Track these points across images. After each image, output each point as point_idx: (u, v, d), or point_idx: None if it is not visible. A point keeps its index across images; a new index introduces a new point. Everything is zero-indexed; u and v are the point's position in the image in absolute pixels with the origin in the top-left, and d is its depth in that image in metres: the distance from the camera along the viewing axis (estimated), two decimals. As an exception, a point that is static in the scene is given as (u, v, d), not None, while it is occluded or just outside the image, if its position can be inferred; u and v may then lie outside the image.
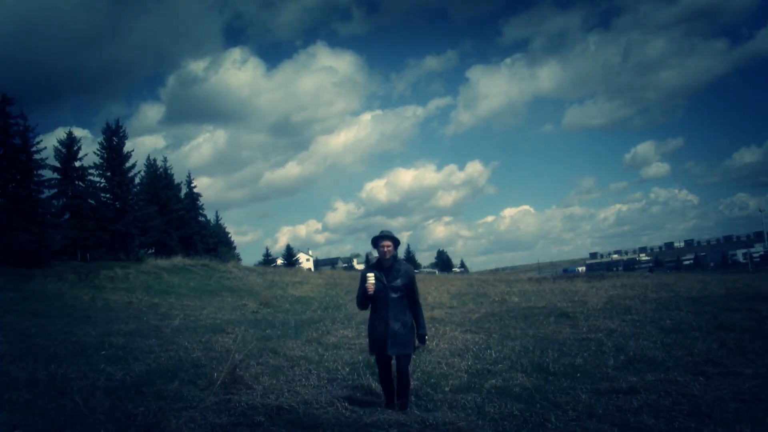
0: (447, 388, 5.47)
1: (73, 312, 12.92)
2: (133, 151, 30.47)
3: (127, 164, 30.10)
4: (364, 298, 4.69)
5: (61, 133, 31.43)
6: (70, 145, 27.45)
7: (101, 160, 29.54)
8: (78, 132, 53.25)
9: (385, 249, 4.68)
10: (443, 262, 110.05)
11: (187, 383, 5.60)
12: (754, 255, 64.07)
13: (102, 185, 29.42)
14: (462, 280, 27.92)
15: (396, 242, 4.76)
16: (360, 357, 6.87)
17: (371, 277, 4.56)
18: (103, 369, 6.06)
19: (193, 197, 39.61)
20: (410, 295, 4.69)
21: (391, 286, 4.58)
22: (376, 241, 4.76)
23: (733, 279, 18.22)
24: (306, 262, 76.41)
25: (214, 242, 40.64)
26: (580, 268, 77.71)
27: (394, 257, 4.75)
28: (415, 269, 5.49)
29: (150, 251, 31.58)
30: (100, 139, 30.12)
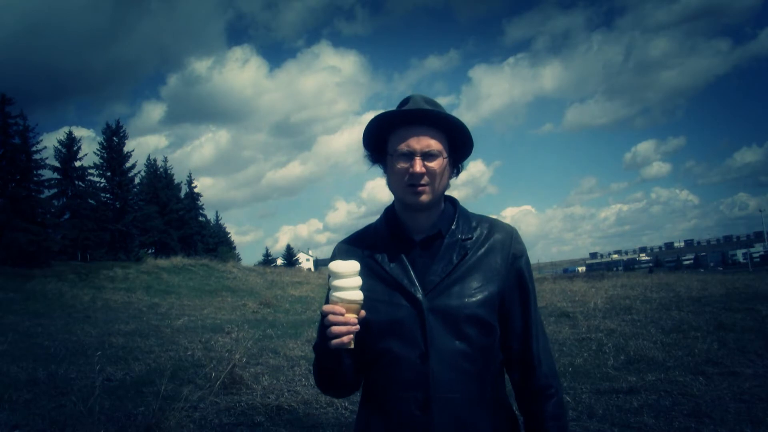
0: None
1: (73, 312, 12.91)
2: (133, 151, 30.72)
3: (127, 164, 30.23)
4: (325, 362, 1.21)
5: (64, 132, 31.51)
6: (70, 145, 27.50)
7: (101, 160, 29.66)
8: (81, 132, 53.46)
9: (417, 167, 1.16)
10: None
11: (187, 383, 5.60)
12: (754, 255, 64.02)
13: (102, 185, 29.53)
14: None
15: (464, 142, 1.24)
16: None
17: (345, 274, 1.17)
18: (103, 369, 6.06)
19: (193, 197, 39.69)
20: (513, 340, 1.21)
21: (438, 306, 1.14)
22: (381, 129, 1.27)
23: (733, 279, 18.17)
24: (306, 262, 76.35)
25: (215, 242, 40.64)
26: (580, 268, 77.77)
27: (452, 202, 1.29)
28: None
29: (150, 251, 31.60)
30: (101, 139, 30.26)
